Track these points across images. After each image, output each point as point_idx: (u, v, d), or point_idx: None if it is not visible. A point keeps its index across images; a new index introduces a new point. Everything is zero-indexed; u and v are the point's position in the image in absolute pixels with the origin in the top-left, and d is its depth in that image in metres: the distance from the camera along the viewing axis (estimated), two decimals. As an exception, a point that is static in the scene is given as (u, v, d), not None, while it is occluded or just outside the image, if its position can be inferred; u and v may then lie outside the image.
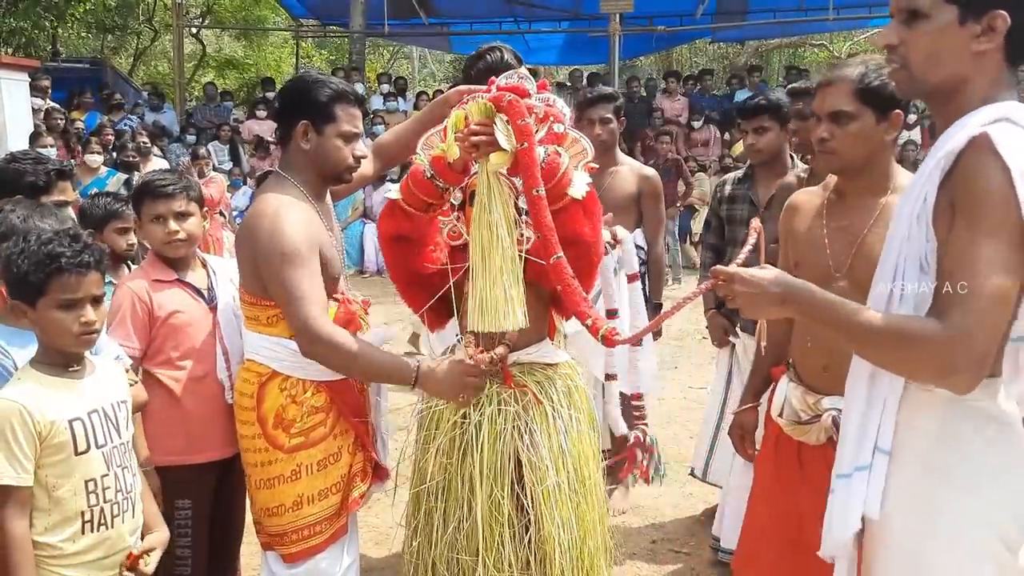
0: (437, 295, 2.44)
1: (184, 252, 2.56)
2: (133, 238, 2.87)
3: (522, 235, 2.23)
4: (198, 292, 2.56)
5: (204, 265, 2.65)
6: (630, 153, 10.99)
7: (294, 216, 2.23)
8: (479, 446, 2.29)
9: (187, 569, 2.52)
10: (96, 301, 1.97)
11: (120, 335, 2.42)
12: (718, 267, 1.68)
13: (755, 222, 1.92)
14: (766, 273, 1.63)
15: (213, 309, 2.55)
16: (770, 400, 2.43)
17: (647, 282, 3.79)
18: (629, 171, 3.76)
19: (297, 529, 2.33)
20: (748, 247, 1.81)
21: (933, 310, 1.50)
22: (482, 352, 2.32)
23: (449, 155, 2.19)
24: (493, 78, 2.33)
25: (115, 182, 7.32)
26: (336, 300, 2.38)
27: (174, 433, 2.46)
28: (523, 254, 2.21)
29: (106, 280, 2.07)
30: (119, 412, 2.07)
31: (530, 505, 2.28)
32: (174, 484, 2.46)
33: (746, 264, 1.72)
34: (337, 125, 2.32)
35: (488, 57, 2.80)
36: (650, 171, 3.86)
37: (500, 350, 2.32)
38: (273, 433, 2.31)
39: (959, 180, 1.47)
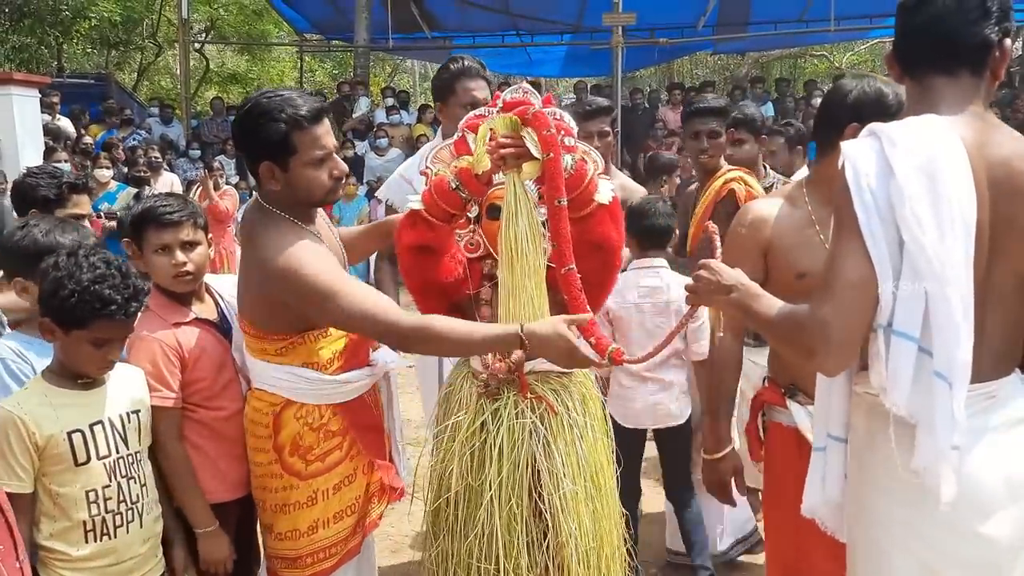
0: (453, 304, 2.47)
1: (192, 287, 2.37)
2: None
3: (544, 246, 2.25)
4: (213, 325, 2.40)
5: (208, 291, 2.48)
6: (633, 164, 11.08)
7: (307, 255, 2.14)
8: (497, 456, 2.31)
9: None
10: (124, 339, 2.03)
11: (157, 388, 2.24)
12: (707, 260, 1.85)
13: (710, 224, 2.09)
14: (730, 270, 1.82)
15: (230, 343, 2.39)
16: (764, 428, 2.40)
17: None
18: (619, 186, 3.75)
19: (312, 552, 2.32)
20: (717, 246, 2.01)
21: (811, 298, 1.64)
22: (500, 361, 2.36)
23: (479, 166, 2.20)
24: (498, 93, 2.36)
25: (124, 196, 7.38)
26: None
27: (206, 474, 2.33)
28: (547, 263, 2.23)
29: None
30: (127, 423, 2.07)
31: (548, 512, 2.31)
32: None
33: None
34: (300, 155, 2.16)
35: (451, 67, 3.11)
36: (639, 187, 3.88)
37: (516, 356, 2.35)
38: (290, 461, 2.28)
39: None
